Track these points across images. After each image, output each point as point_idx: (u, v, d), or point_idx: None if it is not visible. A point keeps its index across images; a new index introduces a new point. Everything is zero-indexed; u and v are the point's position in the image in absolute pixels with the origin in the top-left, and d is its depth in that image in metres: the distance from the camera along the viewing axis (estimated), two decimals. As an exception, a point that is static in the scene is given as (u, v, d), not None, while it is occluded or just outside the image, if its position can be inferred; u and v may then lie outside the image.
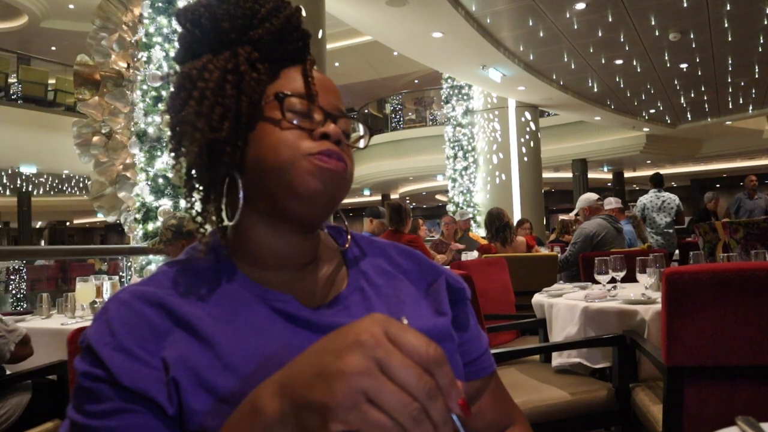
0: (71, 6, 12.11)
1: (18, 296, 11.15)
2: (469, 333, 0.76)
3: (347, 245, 0.75)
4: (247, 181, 0.63)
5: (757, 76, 9.72)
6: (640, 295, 2.23)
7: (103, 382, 0.54)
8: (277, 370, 0.51)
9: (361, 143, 0.71)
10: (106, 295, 2.76)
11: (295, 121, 0.62)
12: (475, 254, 5.44)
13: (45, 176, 14.54)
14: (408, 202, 19.74)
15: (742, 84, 10.33)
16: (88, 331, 0.59)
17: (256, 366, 0.56)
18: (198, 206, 0.64)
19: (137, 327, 0.57)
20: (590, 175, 15.50)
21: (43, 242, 21.92)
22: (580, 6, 6.71)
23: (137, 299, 0.60)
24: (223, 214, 0.65)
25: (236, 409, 0.47)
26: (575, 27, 7.32)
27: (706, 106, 11.94)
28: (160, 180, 4.54)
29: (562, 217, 10.33)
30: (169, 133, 0.66)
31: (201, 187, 0.64)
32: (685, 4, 6.75)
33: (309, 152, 0.61)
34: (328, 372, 0.38)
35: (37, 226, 22.27)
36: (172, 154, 0.65)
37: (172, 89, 0.67)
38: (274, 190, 0.62)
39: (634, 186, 21.64)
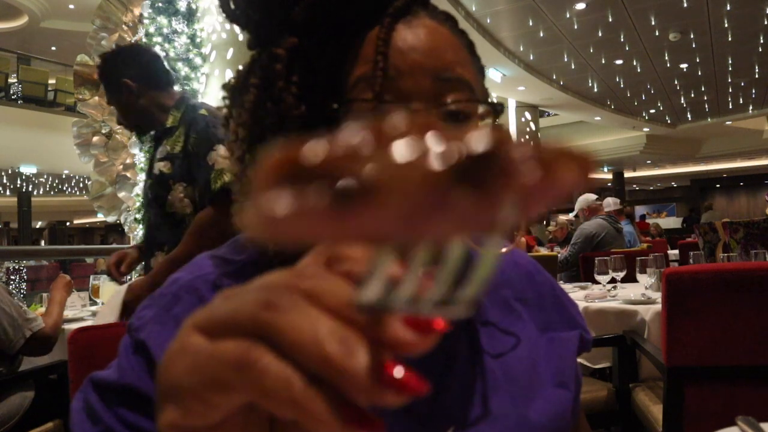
0: (71, 6, 12.11)
1: (18, 296, 11.15)
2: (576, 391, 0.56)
3: None
4: None
5: (757, 76, 9.73)
6: (640, 295, 2.23)
7: (149, 398, 0.42)
8: None
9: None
10: (105, 297, 2.73)
11: None
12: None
13: (45, 176, 14.54)
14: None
15: (742, 84, 10.34)
16: (149, 327, 0.45)
17: None
18: None
19: None
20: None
21: (43, 242, 21.93)
22: (580, 6, 6.71)
23: (210, 291, 0.47)
24: None
25: None
26: (575, 27, 7.32)
27: (706, 106, 11.94)
28: (160, 180, 4.53)
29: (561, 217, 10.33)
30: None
31: None
32: (685, 4, 6.75)
33: None
34: None
35: (37, 226, 22.28)
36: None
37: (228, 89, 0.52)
38: None
39: (634, 186, 21.65)
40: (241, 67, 0.51)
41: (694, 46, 8.20)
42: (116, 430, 0.43)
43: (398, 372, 0.20)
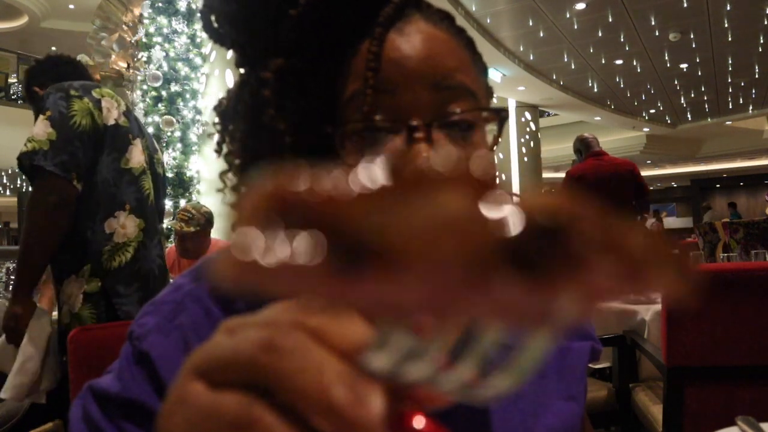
0: (71, 6, 12.11)
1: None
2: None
3: None
4: None
5: (757, 76, 9.73)
6: (640, 295, 2.23)
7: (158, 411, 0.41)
8: None
9: (493, 135, 0.45)
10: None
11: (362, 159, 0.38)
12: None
13: (45, 176, 14.53)
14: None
15: (742, 84, 10.34)
16: (152, 337, 0.42)
17: None
18: None
19: None
20: (590, 175, 15.52)
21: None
22: (580, 6, 6.71)
23: (225, 313, 0.43)
24: None
25: None
26: (575, 27, 7.32)
27: (706, 106, 11.94)
28: (160, 180, 4.53)
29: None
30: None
31: None
32: (685, 4, 6.75)
33: None
34: None
35: (37, 226, 22.27)
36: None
37: (218, 114, 0.50)
38: None
39: (634, 186, 21.64)
40: (230, 88, 0.48)
41: (694, 46, 8.20)
42: (129, 399, 0.41)
43: (418, 423, 0.17)
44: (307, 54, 0.42)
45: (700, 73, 9.60)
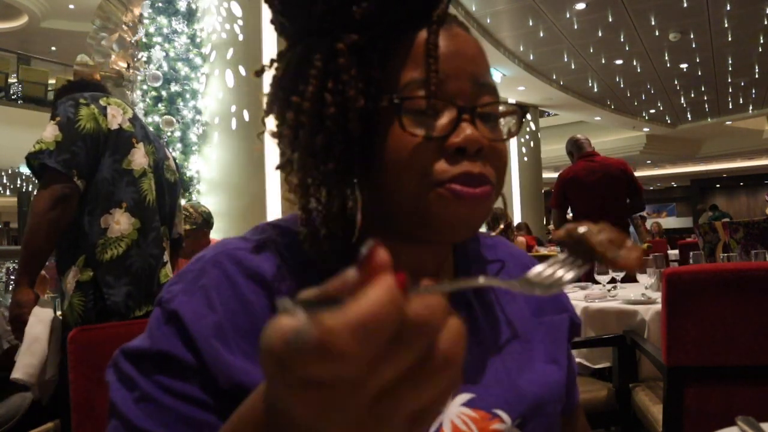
0: (71, 6, 12.11)
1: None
2: (570, 377, 0.63)
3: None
4: (369, 187, 0.50)
5: (757, 76, 9.73)
6: (640, 295, 2.23)
7: (188, 363, 0.45)
8: None
9: (511, 129, 0.54)
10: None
11: (418, 130, 0.48)
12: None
13: (45, 176, 14.50)
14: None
15: (742, 84, 10.34)
16: (180, 298, 0.48)
17: None
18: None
19: (238, 312, 0.47)
20: (590, 175, 15.52)
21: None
22: (580, 6, 6.72)
23: (241, 274, 0.49)
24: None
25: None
26: (575, 27, 7.33)
27: (706, 106, 11.95)
28: (160, 180, 4.52)
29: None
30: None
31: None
32: (685, 4, 6.75)
33: (440, 179, 0.48)
34: None
35: (37, 226, 22.24)
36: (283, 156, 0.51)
37: (274, 78, 0.53)
38: (399, 213, 0.50)
39: (634, 186, 21.62)
40: (283, 54, 0.52)
41: (694, 46, 8.21)
42: (153, 395, 0.45)
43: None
44: (374, 33, 0.49)
45: (700, 73, 9.61)
